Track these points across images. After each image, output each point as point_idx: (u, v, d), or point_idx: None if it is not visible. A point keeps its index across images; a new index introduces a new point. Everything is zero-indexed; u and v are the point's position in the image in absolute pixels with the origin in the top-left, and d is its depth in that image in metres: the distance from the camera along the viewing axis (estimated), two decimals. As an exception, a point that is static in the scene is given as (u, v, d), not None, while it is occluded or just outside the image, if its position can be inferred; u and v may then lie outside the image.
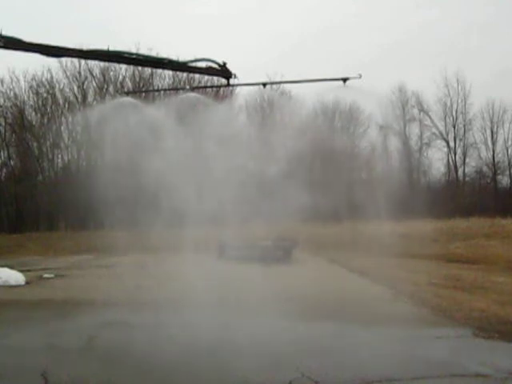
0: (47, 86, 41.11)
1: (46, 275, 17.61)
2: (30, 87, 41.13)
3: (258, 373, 6.76)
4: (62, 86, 41.15)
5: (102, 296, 12.29)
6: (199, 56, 7.93)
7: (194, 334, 8.87)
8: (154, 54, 14.84)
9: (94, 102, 38.57)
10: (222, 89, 25.30)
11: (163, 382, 6.69)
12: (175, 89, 30.30)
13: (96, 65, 39.77)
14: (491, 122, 47.92)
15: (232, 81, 7.98)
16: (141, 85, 39.20)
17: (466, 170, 49.12)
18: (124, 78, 40.58)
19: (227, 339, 8.45)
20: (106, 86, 40.72)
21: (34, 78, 40.78)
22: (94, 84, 41.20)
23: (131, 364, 7.29)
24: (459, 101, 48.05)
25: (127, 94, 28.26)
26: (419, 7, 68.68)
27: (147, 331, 9.14)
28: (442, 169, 49.21)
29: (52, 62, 41.83)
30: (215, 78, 8.99)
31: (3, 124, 41.33)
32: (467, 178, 49.37)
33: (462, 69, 53.57)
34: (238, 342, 8.23)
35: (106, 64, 35.86)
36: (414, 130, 48.64)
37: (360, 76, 8.05)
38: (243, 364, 7.06)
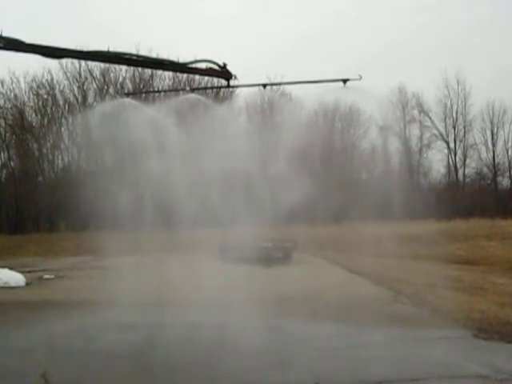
0: (47, 87, 41.17)
1: (46, 276, 17.61)
2: (31, 88, 41.22)
3: (257, 373, 6.77)
4: (62, 87, 41.25)
5: (103, 297, 12.29)
6: (199, 57, 7.94)
7: (194, 334, 8.87)
8: (154, 54, 14.90)
9: (94, 103, 38.62)
10: (222, 90, 25.32)
11: (164, 383, 6.70)
12: (175, 90, 30.30)
13: (96, 66, 39.87)
14: (491, 123, 48.04)
15: (232, 82, 7.98)
16: (141, 86, 39.26)
17: (466, 171, 49.25)
18: (124, 79, 40.68)
19: (227, 339, 8.46)
20: (106, 87, 40.76)
21: (34, 79, 40.88)
22: (95, 85, 41.28)
23: (132, 365, 7.30)
24: (459, 102, 48.20)
25: (127, 95, 28.27)
26: (419, 8, 68.80)
27: (148, 332, 9.15)
28: (442, 170, 49.33)
29: (52, 63, 41.96)
30: (215, 79, 8.98)
31: (3, 125, 41.35)
32: (467, 179, 49.45)
33: (462, 69, 53.76)
34: (238, 342, 8.23)
35: (107, 65, 35.87)
36: (414, 131, 48.80)
37: (360, 77, 8.05)
38: (242, 364, 7.07)
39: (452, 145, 48.26)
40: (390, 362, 7.25)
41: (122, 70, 39.30)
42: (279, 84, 14.92)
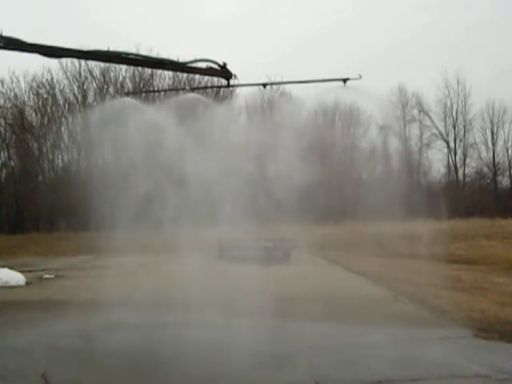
0: (47, 87, 41.16)
1: (46, 276, 17.62)
2: (31, 88, 41.21)
3: (257, 372, 6.77)
4: (62, 87, 41.24)
5: (102, 296, 12.27)
6: (199, 57, 7.93)
7: (194, 334, 8.87)
8: (154, 54, 14.88)
9: (94, 103, 38.62)
10: (222, 89, 25.29)
11: (163, 383, 6.70)
12: (175, 89, 30.29)
13: (96, 65, 39.86)
14: (491, 122, 48.04)
15: (232, 81, 7.97)
16: (141, 85, 39.22)
17: (466, 171, 49.24)
18: (124, 78, 40.65)
19: (227, 339, 8.46)
20: (106, 87, 40.75)
21: (34, 79, 40.88)
22: (95, 85, 41.27)
23: (132, 365, 7.30)
24: (459, 101, 48.19)
25: (127, 94, 28.28)
26: (419, 8, 68.78)
27: (147, 332, 9.15)
28: (442, 169, 49.29)
29: (52, 62, 42.03)
30: (215, 78, 8.97)
31: (3, 125, 41.34)
32: (467, 179, 49.44)
33: (462, 69, 53.81)
34: (237, 341, 8.24)
35: (106, 64, 35.85)
36: (414, 130, 48.76)
37: (360, 77, 8.03)
38: (242, 364, 7.07)
39: (452, 144, 48.31)
40: (390, 361, 7.25)
41: (122, 70, 39.32)
42: (279, 83, 14.93)
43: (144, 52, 22.53)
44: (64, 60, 31.80)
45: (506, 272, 18.20)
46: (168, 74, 36.24)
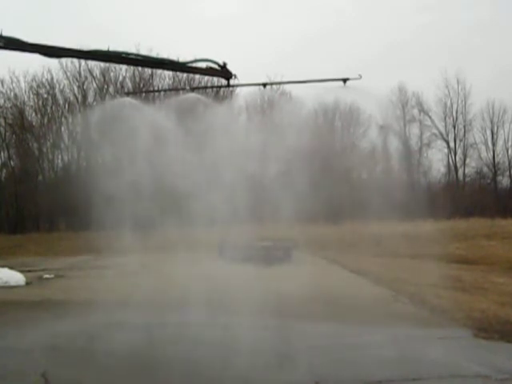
0: (47, 87, 41.17)
1: (46, 276, 17.61)
2: (31, 88, 41.22)
3: (257, 372, 6.77)
4: (62, 87, 41.25)
5: (102, 296, 12.28)
6: (199, 57, 7.94)
7: (194, 334, 8.88)
8: (154, 54, 14.86)
9: (94, 103, 38.62)
10: (222, 89, 25.30)
11: (164, 383, 6.70)
12: (175, 89, 30.27)
13: (96, 65, 39.86)
14: (491, 122, 48.04)
15: (232, 81, 7.98)
16: (141, 85, 39.21)
17: (466, 171, 49.24)
18: (124, 78, 40.64)
19: (227, 339, 8.45)
20: (106, 87, 40.75)
21: (34, 79, 40.89)
22: (94, 84, 41.27)
23: (132, 365, 7.29)
24: (459, 101, 48.19)
25: (127, 94, 28.30)
26: (419, 8, 68.79)
27: (148, 331, 9.14)
28: (442, 169, 49.30)
29: (52, 62, 42.07)
30: (215, 78, 8.98)
31: (3, 124, 41.34)
32: (467, 179, 49.42)
33: (462, 69, 53.87)
34: (237, 341, 8.24)
35: (106, 64, 35.86)
36: (414, 130, 48.77)
37: (360, 76, 8.04)
38: (242, 363, 7.07)
39: (452, 144, 48.31)
40: (390, 361, 7.25)
41: (122, 70, 39.32)
42: (279, 83, 14.92)
43: (144, 52, 22.54)
44: (64, 60, 31.85)
45: (506, 272, 18.19)
46: (168, 73, 36.24)
